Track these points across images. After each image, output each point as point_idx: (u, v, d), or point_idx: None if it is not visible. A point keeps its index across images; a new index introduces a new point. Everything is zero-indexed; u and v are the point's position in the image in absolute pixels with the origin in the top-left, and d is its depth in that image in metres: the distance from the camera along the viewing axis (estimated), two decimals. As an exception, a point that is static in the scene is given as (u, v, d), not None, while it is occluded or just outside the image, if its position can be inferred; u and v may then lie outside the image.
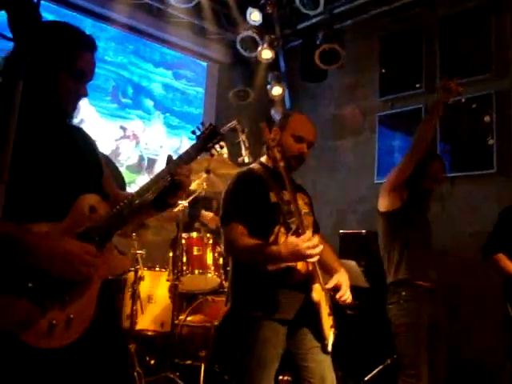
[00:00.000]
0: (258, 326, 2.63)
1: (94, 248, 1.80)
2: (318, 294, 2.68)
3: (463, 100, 5.52)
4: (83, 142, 2.09)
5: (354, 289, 4.88)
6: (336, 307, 4.73)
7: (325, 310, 2.74)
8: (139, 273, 4.37)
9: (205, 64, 7.37)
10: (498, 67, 5.43)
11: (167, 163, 2.00)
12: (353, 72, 6.69)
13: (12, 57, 1.86)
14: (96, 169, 2.09)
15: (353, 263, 4.88)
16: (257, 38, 6.48)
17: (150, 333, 4.45)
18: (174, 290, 4.38)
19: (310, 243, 2.45)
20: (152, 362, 4.37)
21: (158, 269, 4.61)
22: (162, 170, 1.98)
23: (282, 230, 2.61)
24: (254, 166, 2.92)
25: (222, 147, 2.15)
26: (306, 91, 7.06)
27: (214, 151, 2.13)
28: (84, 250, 1.77)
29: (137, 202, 1.94)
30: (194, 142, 2.12)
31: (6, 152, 1.19)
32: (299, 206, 2.67)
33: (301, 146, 2.80)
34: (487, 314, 4.86)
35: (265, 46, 6.52)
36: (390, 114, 6.31)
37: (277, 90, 6.80)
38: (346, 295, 2.78)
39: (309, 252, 2.44)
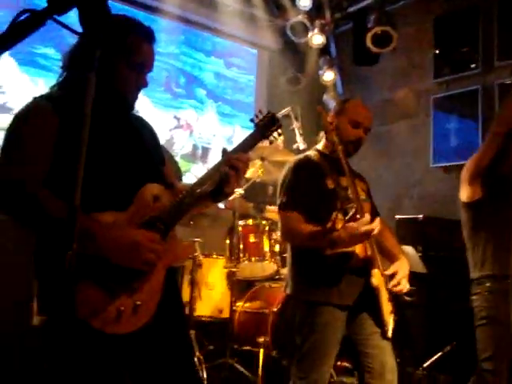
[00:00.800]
0: (318, 312, 2.66)
1: (158, 236, 1.85)
2: (377, 278, 2.69)
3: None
4: (145, 132, 2.15)
5: (411, 274, 4.87)
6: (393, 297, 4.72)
7: (384, 296, 2.74)
8: (197, 260, 4.46)
9: (255, 51, 7.37)
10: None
11: (223, 155, 2.02)
12: (405, 54, 6.56)
13: (77, 52, 1.93)
14: (158, 158, 2.14)
15: (410, 248, 4.83)
16: (307, 23, 6.43)
17: (208, 319, 4.53)
18: (231, 276, 4.45)
19: (369, 227, 2.45)
20: (211, 347, 4.45)
21: (215, 256, 4.68)
22: (219, 161, 2.00)
23: (340, 216, 2.59)
24: (311, 152, 2.93)
25: (280, 134, 2.16)
26: (358, 76, 6.97)
27: (272, 138, 2.14)
28: (149, 238, 1.82)
29: (198, 191, 1.97)
30: (250, 130, 2.14)
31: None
32: (357, 191, 2.67)
33: (358, 131, 2.81)
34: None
35: (315, 31, 6.46)
36: (445, 96, 6.16)
37: (328, 76, 6.73)
38: (400, 284, 2.77)
39: (367, 233, 2.48)
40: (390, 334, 2.74)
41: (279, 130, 2.15)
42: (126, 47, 1.94)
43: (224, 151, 2.03)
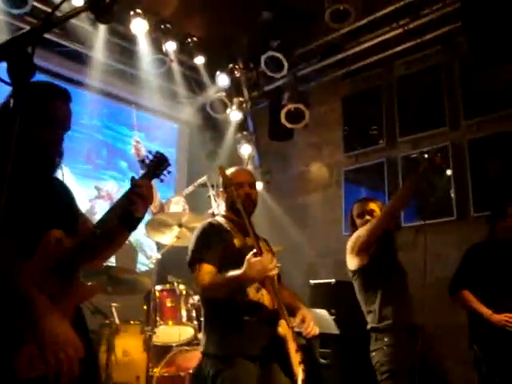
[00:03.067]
0: (229, 366, 2.72)
1: (81, 345, 1.92)
2: (283, 328, 2.81)
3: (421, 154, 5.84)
4: (60, 190, 2.26)
5: (325, 337, 5.02)
6: (309, 355, 4.84)
7: (292, 347, 2.84)
8: (114, 326, 4.46)
9: (176, 126, 7.64)
10: (451, 121, 5.79)
11: (131, 182, 2.10)
12: (318, 130, 7.02)
13: (8, 104, 2.05)
14: (69, 212, 2.24)
15: (324, 312, 5.00)
16: (226, 100, 6.81)
17: (125, 386, 4.46)
18: (148, 342, 4.45)
19: (269, 259, 2.69)
20: (128, 415, 4.36)
21: (132, 322, 4.67)
22: (126, 191, 2.08)
23: None
24: (217, 217, 3.14)
25: (169, 172, 2.28)
26: (274, 150, 7.36)
27: (163, 177, 2.23)
28: (74, 345, 1.89)
29: (98, 231, 2.03)
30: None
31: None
32: (261, 247, 2.85)
33: (243, 189, 3.02)
34: (456, 354, 4.99)
35: (233, 108, 6.84)
36: (354, 169, 6.60)
37: (246, 150, 7.06)
38: (310, 327, 2.89)
39: (270, 267, 2.67)
40: (299, 383, 2.81)
41: (169, 168, 2.22)
42: (38, 108, 2.04)
43: (132, 178, 2.11)
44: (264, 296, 2.88)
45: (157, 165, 2.18)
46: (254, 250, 2.70)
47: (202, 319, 3.00)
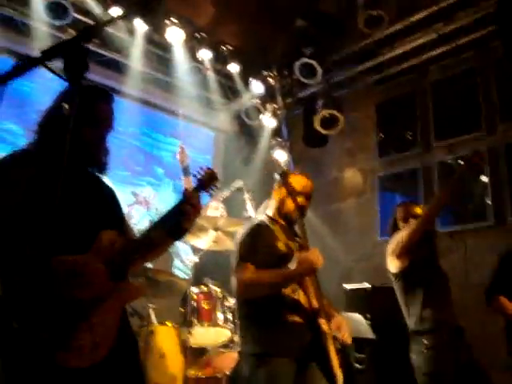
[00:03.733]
0: (266, 365, 2.73)
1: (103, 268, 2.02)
2: (325, 326, 2.81)
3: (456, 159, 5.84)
4: (106, 189, 2.35)
5: (360, 342, 5.02)
6: (344, 360, 4.83)
7: (332, 347, 2.82)
8: (151, 327, 4.53)
9: (212, 133, 7.75)
10: (487, 125, 5.75)
11: (183, 195, 2.21)
12: (352, 136, 7.03)
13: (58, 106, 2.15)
14: (117, 211, 2.33)
15: (359, 316, 5.01)
16: (260, 107, 6.88)
17: (162, 387, 4.51)
18: (185, 343, 4.51)
19: (316, 253, 2.72)
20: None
21: (169, 324, 4.73)
22: (178, 202, 2.19)
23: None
24: (263, 217, 3.13)
25: (218, 188, 2.37)
26: (308, 156, 7.39)
27: (211, 192, 2.34)
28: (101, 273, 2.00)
29: (150, 235, 2.15)
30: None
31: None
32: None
33: (300, 199, 3.04)
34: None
35: (268, 114, 6.91)
36: (389, 175, 6.59)
37: (280, 156, 7.09)
38: (346, 334, 2.88)
39: (318, 261, 2.71)
40: None
41: (217, 185, 2.34)
42: (86, 112, 2.14)
43: (185, 191, 2.22)
44: (301, 296, 2.88)
45: (207, 180, 2.28)
46: (299, 245, 2.77)
47: (239, 319, 3.02)
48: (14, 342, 1.83)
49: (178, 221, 2.17)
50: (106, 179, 2.41)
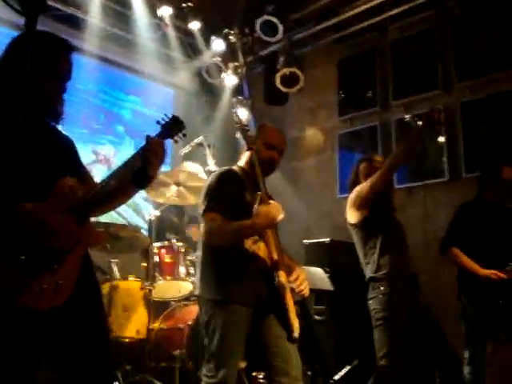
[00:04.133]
0: (222, 311, 2.79)
1: (73, 219, 2.04)
2: (283, 278, 2.86)
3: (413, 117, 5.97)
4: (64, 139, 2.35)
5: (320, 294, 5.16)
6: (304, 312, 4.97)
7: (290, 299, 2.89)
8: (114, 282, 4.59)
9: (172, 91, 7.70)
10: (443, 84, 5.88)
11: (146, 140, 2.16)
12: (313, 95, 7.09)
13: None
14: (74, 159, 2.34)
15: (318, 269, 5.14)
16: (221, 65, 6.85)
17: (126, 340, 4.59)
18: (147, 297, 4.59)
19: (277, 208, 2.77)
20: (128, 367, 4.48)
21: (131, 278, 4.79)
22: (141, 147, 2.15)
23: None
24: (234, 167, 3.15)
25: (184, 135, 2.37)
26: (270, 115, 7.39)
27: (177, 138, 2.32)
28: (69, 221, 2.02)
29: (112, 182, 2.13)
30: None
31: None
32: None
33: (272, 152, 3.07)
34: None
35: (229, 72, 6.89)
36: (348, 133, 6.70)
37: (242, 114, 7.09)
38: (303, 285, 2.94)
39: (278, 215, 2.75)
40: (296, 335, 2.85)
41: (183, 131, 2.32)
42: (46, 60, 2.13)
43: (147, 136, 2.16)
44: (260, 248, 2.91)
45: (172, 126, 2.26)
46: (260, 198, 2.77)
47: (198, 263, 3.04)
48: None
49: (143, 168, 2.14)
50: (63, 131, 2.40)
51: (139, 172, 2.14)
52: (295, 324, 2.87)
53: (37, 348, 2.02)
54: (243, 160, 3.16)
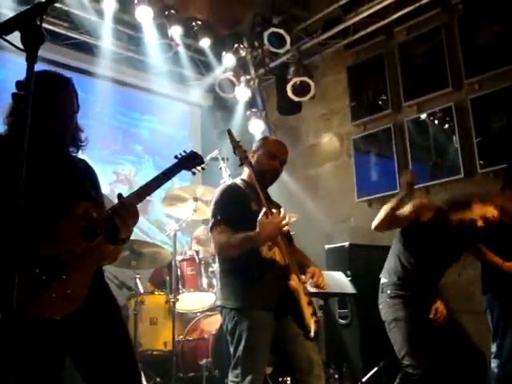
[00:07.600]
0: (247, 318, 2.88)
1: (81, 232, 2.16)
2: (295, 282, 2.96)
3: (426, 116, 6.05)
4: (80, 165, 2.46)
5: (343, 298, 5.19)
6: (328, 316, 4.98)
7: (304, 299, 2.99)
8: (140, 297, 4.71)
9: (187, 108, 7.85)
10: (453, 82, 5.91)
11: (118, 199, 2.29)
12: (326, 102, 7.18)
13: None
14: (91, 183, 2.44)
15: (340, 274, 5.19)
16: (233, 79, 6.98)
17: (155, 352, 4.71)
18: (172, 309, 4.70)
19: (279, 218, 2.86)
20: (158, 379, 4.60)
21: (156, 292, 4.92)
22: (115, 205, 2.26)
23: None
24: (236, 180, 3.28)
25: (203, 169, 2.49)
26: (284, 125, 7.52)
27: (195, 170, 2.49)
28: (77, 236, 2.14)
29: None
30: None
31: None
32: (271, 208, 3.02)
33: (273, 162, 3.18)
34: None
35: (241, 86, 7.01)
36: (363, 137, 6.75)
37: (256, 126, 7.20)
38: (320, 280, 3.05)
39: (282, 224, 2.84)
40: (312, 334, 2.95)
41: (202, 165, 2.50)
42: (49, 102, 2.22)
43: (119, 196, 2.28)
44: (276, 254, 3.02)
45: (188, 159, 2.42)
46: (264, 210, 2.86)
47: (219, 274, 3.12)
48: None
49: (116, 228, 2.24)
50: (85, 158, 2.51)
51: (112, 232, 2.25)
52: (311, 324, 2.96)
53: (58, 352, 2.13)
54: (245, 173, 3.25)
